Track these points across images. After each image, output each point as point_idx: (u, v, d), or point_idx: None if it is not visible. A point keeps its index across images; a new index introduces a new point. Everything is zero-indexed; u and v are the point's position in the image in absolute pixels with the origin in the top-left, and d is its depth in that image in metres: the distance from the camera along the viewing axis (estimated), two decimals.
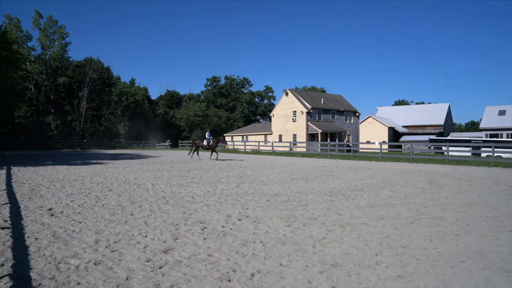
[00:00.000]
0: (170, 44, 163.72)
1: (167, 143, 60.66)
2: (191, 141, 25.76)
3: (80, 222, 6.29)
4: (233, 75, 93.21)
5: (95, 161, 23.35)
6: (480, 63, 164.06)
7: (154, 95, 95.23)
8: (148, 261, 4.41)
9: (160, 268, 4.21)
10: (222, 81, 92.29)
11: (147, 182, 12.01)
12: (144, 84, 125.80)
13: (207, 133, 26.18)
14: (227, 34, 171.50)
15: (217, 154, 26.61)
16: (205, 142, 25.11)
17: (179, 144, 61.41)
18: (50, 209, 7.35)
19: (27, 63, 51.55)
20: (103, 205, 7.94)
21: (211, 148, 25.22)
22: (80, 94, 62.23)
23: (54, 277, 3.87)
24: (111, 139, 63.22)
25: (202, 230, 5.93)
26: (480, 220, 6.89)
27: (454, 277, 4.06)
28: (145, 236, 5.49)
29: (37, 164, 19.25)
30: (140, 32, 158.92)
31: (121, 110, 64.67)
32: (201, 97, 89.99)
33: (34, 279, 3.80)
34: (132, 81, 72.73)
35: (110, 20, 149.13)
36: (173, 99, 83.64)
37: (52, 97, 60.08)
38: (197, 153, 26.44)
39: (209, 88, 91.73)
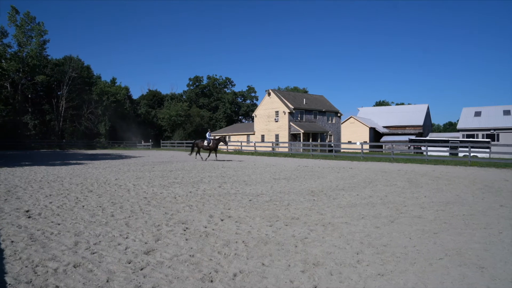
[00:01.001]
0: (152, 43, 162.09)
1: (149, 143, 59.99)
2: (192, 142, 24.93)
3: (59, 224, 6.16)
4: (216, 75, 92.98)
5: (74, 161, 22.89)
6: (456, 66, 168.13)
7: (135, 95, 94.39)
8: (129, 263, 4.35)
9: (141, 269, 4.16)
10: (205, 81, 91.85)
11: (128, 182, 11.85)
12: (125, 83, 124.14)
13: (208, 133, 25.58)
14: (210, 34, 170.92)
15: (216, 155, 26.29)
16: (205, 143, 24.67)
17: (161, 144, 60.81)
18: (27, 211, 7.17)
19: (3, 61, 50.07)
20: (83, 206, 7.80)
21: (211, 149, 24.79)
22: (59, 93, 60.78)
23: (31, 281, 3.78)
24: (91, 139, 62.10)
25: (184, 230, 5.89)
26: (457, 218, 7.06)
27: (432, 274, 4.15)
28: (126, 238, 5.42)
29: (14, 165, 18.74)
30: (122, 30, 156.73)
31: (101, 110, 63.56)
32: (183, 97, 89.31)
33: (9, 284, 3.70)
34: (113, 80, 71.61)
35: (90, 18, 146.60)
36: (155, 99, 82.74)
37: (29, 96, 58.54)
38: (199, 154, 25.92)
39: (192, 88, 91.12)
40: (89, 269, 4.13)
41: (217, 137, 26.75)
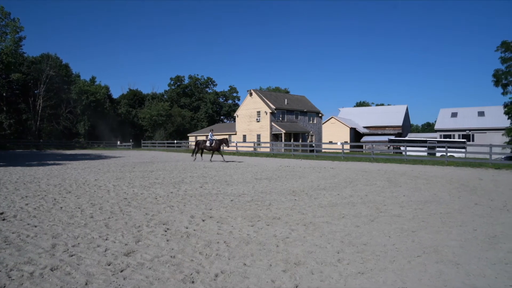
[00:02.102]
0: (133, 42, 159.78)
1: (129, 143, 59.16)
2: (195, 142, 23.98)
3: (35, 226, 6.00)
4: (197, 75, 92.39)
5: (52, 162, 22.37)
6: (434, 68, 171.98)
7: (115, 94, 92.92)
8: (108, 265, 4.28)
9: (121, 271, 4.10)
10: (186, 81, 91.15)
11: (108, 183, 11.66)
12: (105, 82, 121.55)
13: (210, 133, 24.90)
14: (191, 34, 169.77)
15: (222, 155, 25.49)
16: (207, 143, 24.09)
17: (142, 144, 60.04)
18: (2, 213, 6.96)
19: None
20: (61, 207, 7.62)
21: (214, 149, 24.17)
22: (36, 91, 59.23)
23: (4, 286, 3.67)
24: (70, 139, 60.83)
25: (165, 231, 5.83)
26: (434, 217, 7.23)
27: (410, 272, 4.23)
28: (106, 239, 5.32)
29: None
30: (101, 29, 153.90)
31: (80, 109, 62.33)
32: (165, 96, 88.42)
33: None
34: (93, 79, 70.29)
35: (69, 15, 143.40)
36: (136, 98, 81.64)
37: (4, 94, 56.83)
38: (201, 155, 25.33)
39: (173, 87, 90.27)
40: (67, 272, 4.04)
41: (220, 138, 26.14)
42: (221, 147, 24.59)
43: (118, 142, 61.45)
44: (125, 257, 4.57)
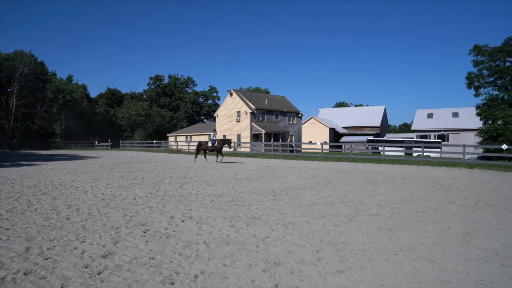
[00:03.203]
0: (111, 40, 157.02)
1: (107, 143, 58.10)
2: (196, 143, 22.82)
3: (8, 229, 5.81)
4: (177, 74, 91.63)
5: (27, 162, 21.73)
6: (411, 70, 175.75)
7: (93, 93, 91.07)
8: (85, 267, 4.19)
9: (98, 274, 4.02)
10: (166, 80, 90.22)
11: (85, 184, 11.42)
12: (82, 81, 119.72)
13: (212, 133, 24.08)
14: (171, 33, 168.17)
15: (222, 156, 24.67)
16: (210, 144, 23.29)
17: (121, 145, 59.06)
18: None
19: None
20: (36, 209, 7.42)
21: (216, 150, 23.34)
22: (9, 90, 57.43)
23: None
24: (45, 139, 59.28)
25: (144, 232, 5.76)
26: (411, 215, 7.39)
27: (387, 269, 4.31)
28: (83, 241, 5.21)
29: None
30: (79, 26, 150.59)
31: (57, 108, 60.83)
32: (144, 96, 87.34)
33: None
34: (70, 78, 68.81)
35: (45, 12, 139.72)
36: (114, 98, 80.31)
37: None
38: (204, 156, 24.35)
39: (152, 87, 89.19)
40: (41, 276, 3.93)
41: (222, 138, 25.46)
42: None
43: (96, 142, 60.29)
44: (103, 259, 4.49)
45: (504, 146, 21.99)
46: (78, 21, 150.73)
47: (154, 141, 51.51)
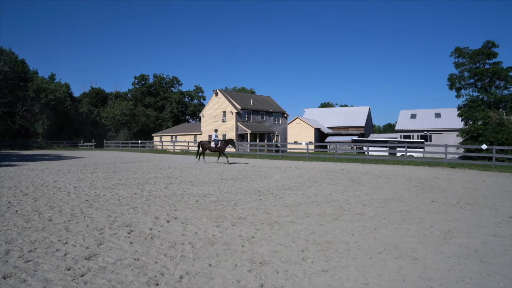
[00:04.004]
0: (95, 38, 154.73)
1: (91, 143, 57.23)
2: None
3: None
4: (162, 74, 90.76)
5: (7, 163, 21.24)
6: (395, 70, 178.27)
7: (77, 92, 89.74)
8: (68, 270, 4.11)
9: (82, 276, 3.95)
10: (151, 80, 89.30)
11: (68, 185, 11.23)
12: (65, 80, 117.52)
13: (214, 134, 23.45)
14: (156, 32, 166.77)
15: (227, 157, 23.81)
16: (212, 144, 22.57)
17: (105, 145, 58.25)
18: None
19: None
20: (16, 211, 7.25)
21: (219, 151, 22.64)
22: None
23: None
24: (27, 139, 58.05)
25: (129, 233, 5.70)
26: (394, 214, 7.50)
27: (372, 268, 4.37)
28: (66, 243, 5.12)
29: None
30: (61, 24, 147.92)
31: (39, 108, 59.54)
32: (129, 95, 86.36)
33: None
34: (52, 76, 67.51)
35: (26, 9, 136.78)
36: (98, 97, 79.21)
37: None
38: (203, 156, 23.38)
39: (137, 86, 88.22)
40: (22, 279, 3.84)
41: (225, 139, 24.67)
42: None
43: (82, 142, 59.33)
44: (86, 261, 4.42)
45: (484, 146, 22.52)
46: (60, 19, 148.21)
47: (139, 141, 51.01)
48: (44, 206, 7.80)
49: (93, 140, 59.34)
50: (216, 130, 24.47)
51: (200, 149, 22.99)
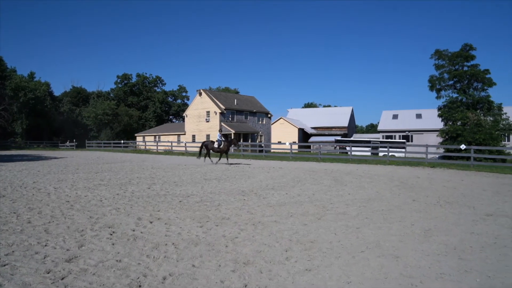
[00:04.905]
0: (76, 37, 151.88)
1: (73, 143, 56.19)
2: (201, 143, 21.11)
3: None
4: (145, 73, 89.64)
5: None
6: (377, 71, 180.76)
7: (57, 91, 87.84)
8: (48, 273, 4.03)
9: (62, 279, 3.88)
10: (134, 79, 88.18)
11: (48, 185, 10.99)
12: (45, 78, 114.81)
13: (218, 134, 23.06)
14: (139, 31, 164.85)
15: (227, 158, 23.68)
16: (216, 145, 22.25)
17: (87, 145, 57.25)
18: None
19: None
20: None
21: (222, 151, 22.35)
22: None
23: None
24: (5, 138, 56.65)
25: (111, 235, 5.62)
26: (377, 213, 7.61)
27: (354, 266, 4.43)
28: (45, 245, 5.02)
29: None
30: (40, 22, 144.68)
31: (17, 107, 58.24)
32: (111, 95, 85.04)
33: None
34: (31, 75, 66.03)
35: (3, 7, 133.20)
36: (80, 96, 77.84)
37: None
38: (209, 157, 23.03)
39: (120, 85, 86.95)
40: None
41: (229, 139, 24.26)
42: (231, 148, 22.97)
43: (63, 142, 58.15)
44: (67, 263, 4.34)
45: (463, 146, 23.07)
46: (40, 16, 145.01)
47: (122, 141, 50.36)
48: (22, 207, 7.61)
49: (74, 140, 58.32)
50: (220, 130, 24.13)
51: (204, 150, 22.78)
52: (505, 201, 9.46)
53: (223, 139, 22.77)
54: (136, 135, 63.91)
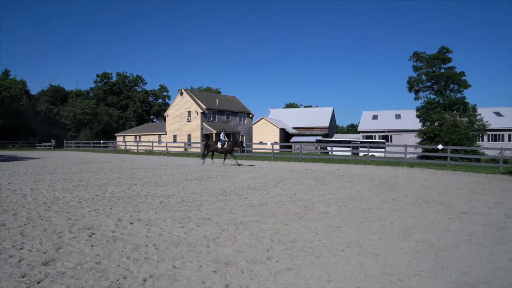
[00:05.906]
0: (54, 34, 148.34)
1: (51, 144, 54.86)
2: (204, 144, 20.61)
3: None
4: (126, 72, 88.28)
5: None
6: (357, 71, 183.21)
7: (34, 90, 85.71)
8: (23, 277, 3.92)
9: (38, 283, 3.78)
10: (114, 78, 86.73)
11: (24, 187, 10.70)
12: (21, 76, 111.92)
13: (222, 134, 22.56)
14: (119, 30, 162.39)
15: (235, 158, 23.22)
16: (219, 145, 21.81)
17: (65, 145, 55.98)
18: None
19: None
20: None
21: (226, 152, 22.03)
22: None
23: None
24: None
25: (90, 236, 5.52)
26: (357, 213, 7.72)
27: (335, 265, 4.48)
28: (21, 248, 4.88)
29: None
30: (16, 18, 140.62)
31: None
32: (90, 94, 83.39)
33: None
34: (6, 73, 64.15)
35: None
36: (58, 95, 76.07)
37: None
38: (212, 158, 22.75)
39: (99, 84, 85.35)
40: None
41: (233, 140, 23.83)
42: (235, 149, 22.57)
43: (40, 142, 56.68)
44: (44, 266, 4.24)
45: (440, 146, 23.65)
46: (15, 11, 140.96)
47: (101, 141, 49.47)
48: None
49: (52, 140, 56.93)
50: (223, 130, 23.81)
51: (206, 151, 22.50)
52: (479, 200, 9.75)
53: (227, 139, 22.53)
54: (116, 135, 62.90)
